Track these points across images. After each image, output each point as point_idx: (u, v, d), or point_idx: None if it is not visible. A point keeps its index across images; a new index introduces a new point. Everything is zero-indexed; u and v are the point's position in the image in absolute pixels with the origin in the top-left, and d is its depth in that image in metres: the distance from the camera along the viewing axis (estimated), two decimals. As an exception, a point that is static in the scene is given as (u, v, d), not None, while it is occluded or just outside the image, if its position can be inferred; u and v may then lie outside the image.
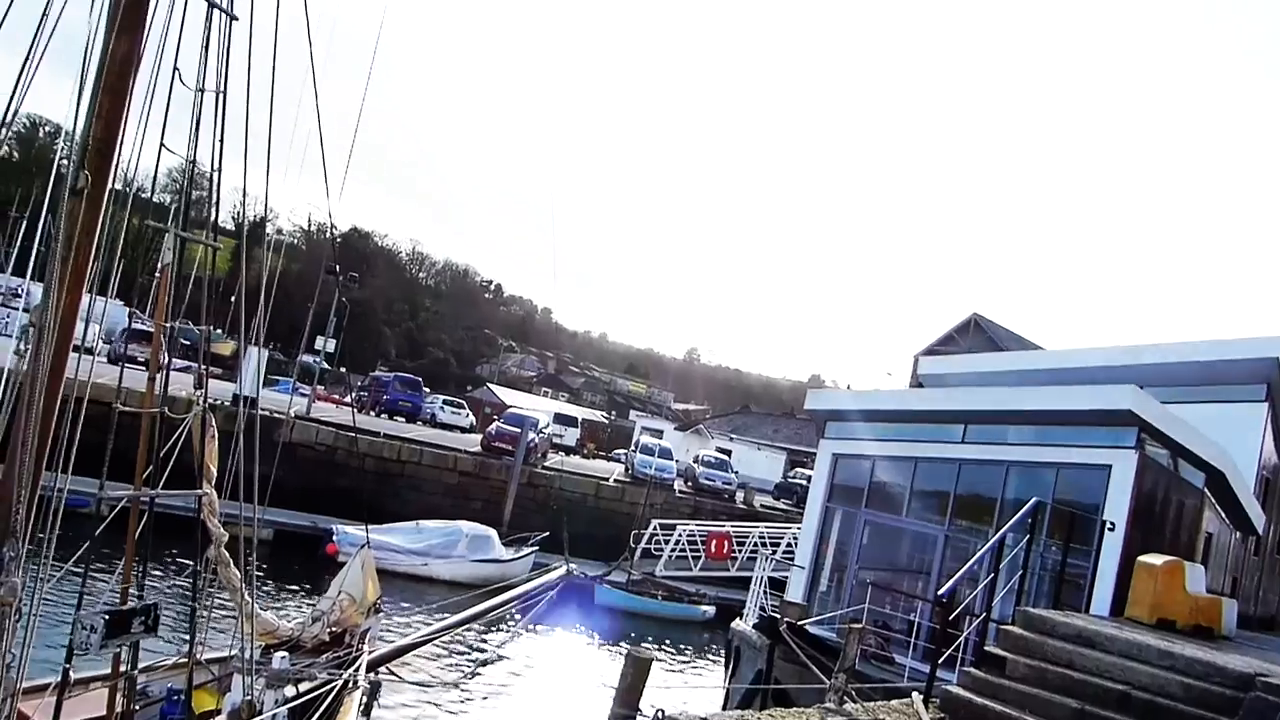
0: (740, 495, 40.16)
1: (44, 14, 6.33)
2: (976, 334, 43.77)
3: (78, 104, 5.98)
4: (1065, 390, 13.87)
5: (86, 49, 6.13)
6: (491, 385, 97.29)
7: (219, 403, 7.95)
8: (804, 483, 41.47)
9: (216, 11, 6.31)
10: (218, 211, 7.62)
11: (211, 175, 6.62)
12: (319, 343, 41.20)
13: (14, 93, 6.53)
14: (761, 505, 40.96)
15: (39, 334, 4.72)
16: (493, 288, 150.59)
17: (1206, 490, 15.58)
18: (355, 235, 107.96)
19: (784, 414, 77.29)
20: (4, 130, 6.37)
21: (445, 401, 51.31)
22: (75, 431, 5.80)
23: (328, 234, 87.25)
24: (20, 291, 48.84)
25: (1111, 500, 12.35)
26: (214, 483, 7.57)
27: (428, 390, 54.22)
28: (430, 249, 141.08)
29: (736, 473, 43.49)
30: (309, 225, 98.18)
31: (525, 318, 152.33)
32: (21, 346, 4.84)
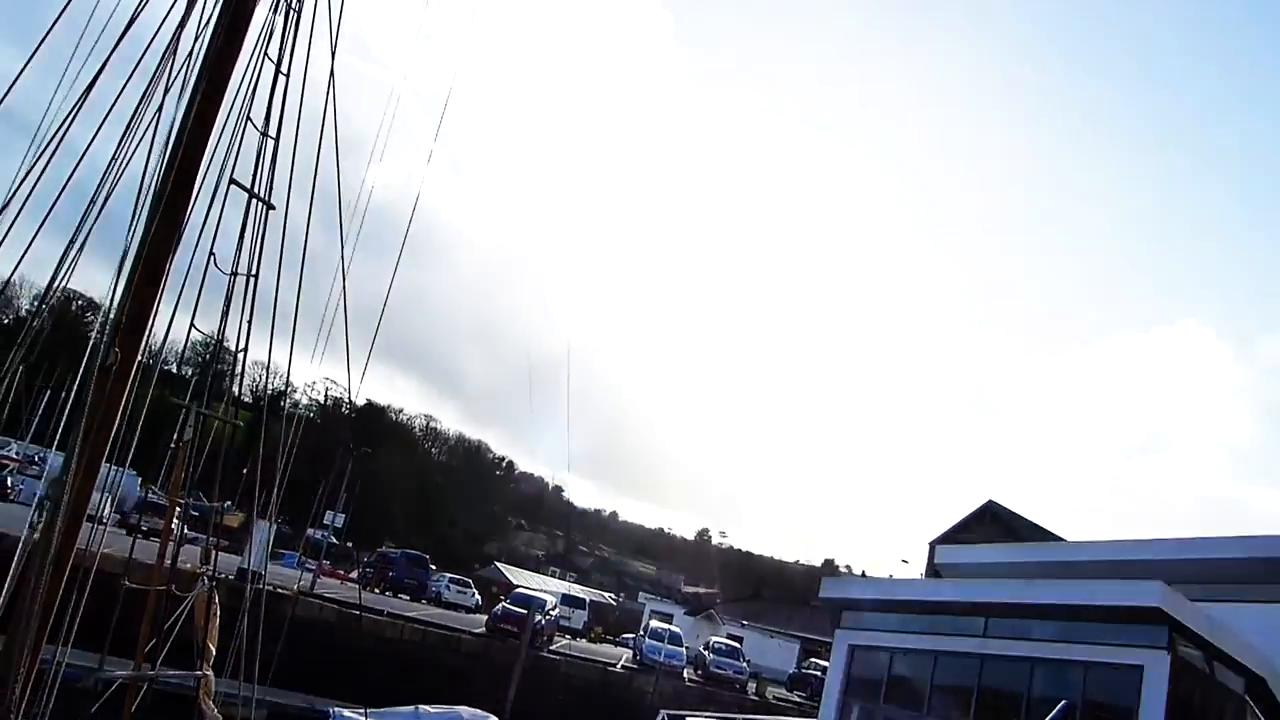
0: (753, 686, 38.49)
1: (91, 201, 6.76)
2: (993, 521, 43.26)
3: (114, 285, 6.28)
4: (1090, 584, 13.49)
5: (128, 235, 6.49)
6: (500, 564, 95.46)
7: (224, 576, 7.86)
8: (819, 673, 39.74)
9: (254, 200, 6.69)
10: (240, 387, 7.80)
11: (236, 355, 6.83)
12: (328, 517, 40.88)
13: (55, 275, 6.88)
14: (775, 697, 39.24)
15: (55, 507, 4.73)
16: (504, 465, 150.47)
17: (1247, 697, 14.79)
18: (369, 410, 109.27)
19: (798, 601, 75.06)
20: (44, 310, 6.64)
21: (452, 580, 50.31)
22: (80, 603, 5.73)
23: (345, 409, 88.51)
24: (37, 459, 49.30)
25: (1146, 705, 11.73)
26: (212, 662, 7.37)
27: (435, 568, 53.27)
28: (443, 422, 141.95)
29: (749, 661, 41.87)
30: (325, 399, 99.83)
31: (536, 495, 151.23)
32: (36, 518, 4.85)
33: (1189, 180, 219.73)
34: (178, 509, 7.47)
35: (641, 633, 42.33)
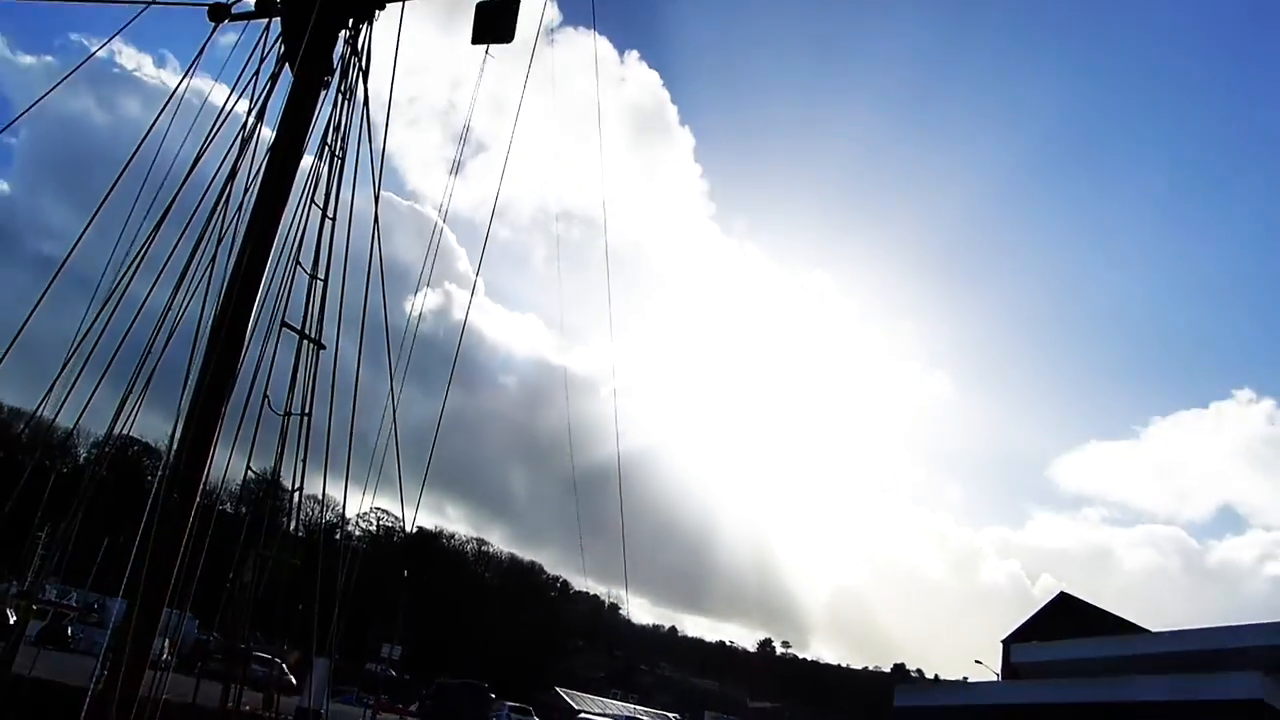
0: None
1: (146, 350, 6.99)
2: (1066, 614, 41.38)
3: (173, 432, 6.42)
4: (1181, 679, 12.75)
5: (185, 382, 6.68)
6: (559, 689, 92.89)
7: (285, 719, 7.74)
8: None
9: (306, 341, 6.86)
10: (296, 525, 7.84)
11: (292, 495, 6.89)
12: (384, 649, 40.33)
13: (114, 423, 7.06)
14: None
15: (119, 656, 4.72)
16: (558, 585, 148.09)
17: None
18: (420, 535, 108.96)
19: (870, 712, 71.68)
20: (104, 459, 6.79)
21: (513, 709, 49.01)
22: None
23: (397, 538, 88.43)
24: (97, 606, 49.55)
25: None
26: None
27: (494, 696, 51.96)
28: (494, 544, 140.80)
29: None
30: (378, 529, 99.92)
31: (592, 614, 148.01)
32: (100, 670, 4.85)
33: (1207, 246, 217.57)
34: (239, 652, 7.41)
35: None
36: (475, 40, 7.88)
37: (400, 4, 7.55)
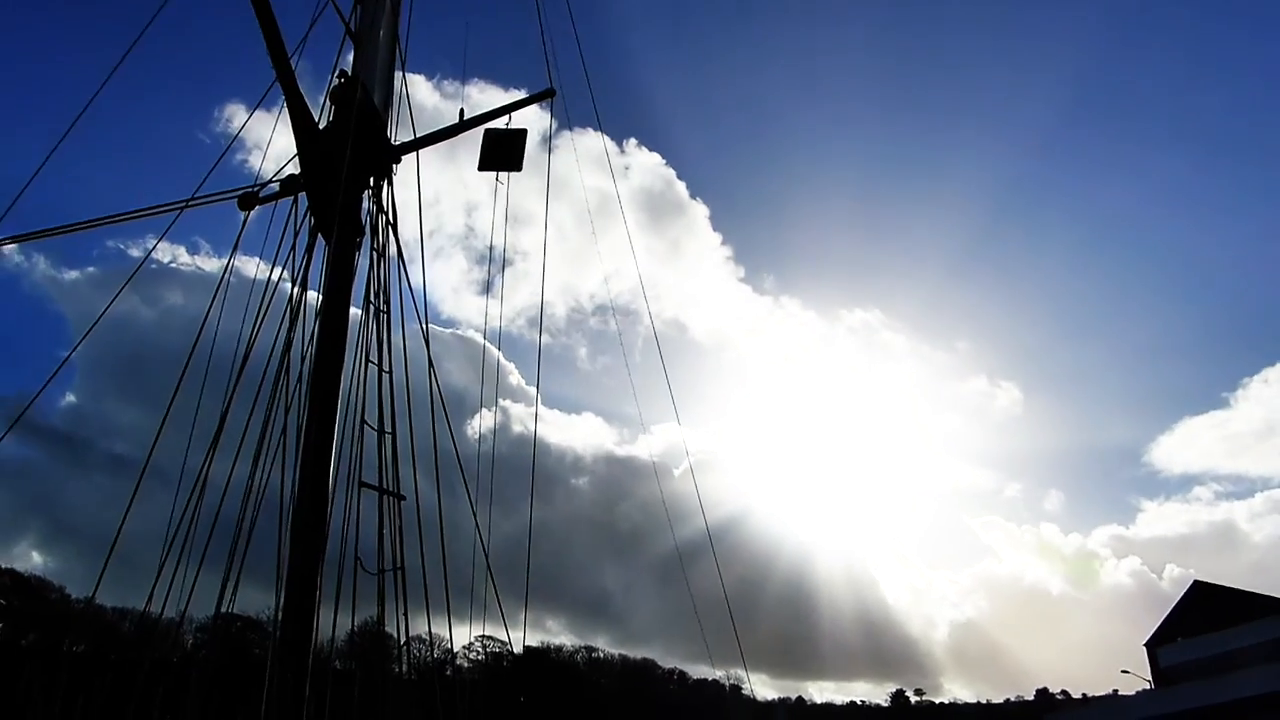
0: None
1: (238, 526, 7.15)
2: (1204, 603, 39.09)
3: (276, 607, 6.51)
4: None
5: (279, 554, 6.80)
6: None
7: None
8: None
9: (387, 497, 6.96)
10: (408, 671, 7.82)
11: (399, 648, 6.90)
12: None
13: (219, 607, 7.19)
14: None
15: None
16: (675, 677, 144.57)
17: None
18: (528, 654, 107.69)
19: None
20: (214, 641, 6.87)
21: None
22: None
23: (506, 661, 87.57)
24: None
25: None
26: None
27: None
28: (602, 649, 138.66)
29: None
30: (485, 656, 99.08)
31: (716, 699, 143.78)
32: None
33: None
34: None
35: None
36: (483, 167, 8.17)
37: (415, 153, 7.89)
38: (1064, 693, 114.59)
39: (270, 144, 8.69)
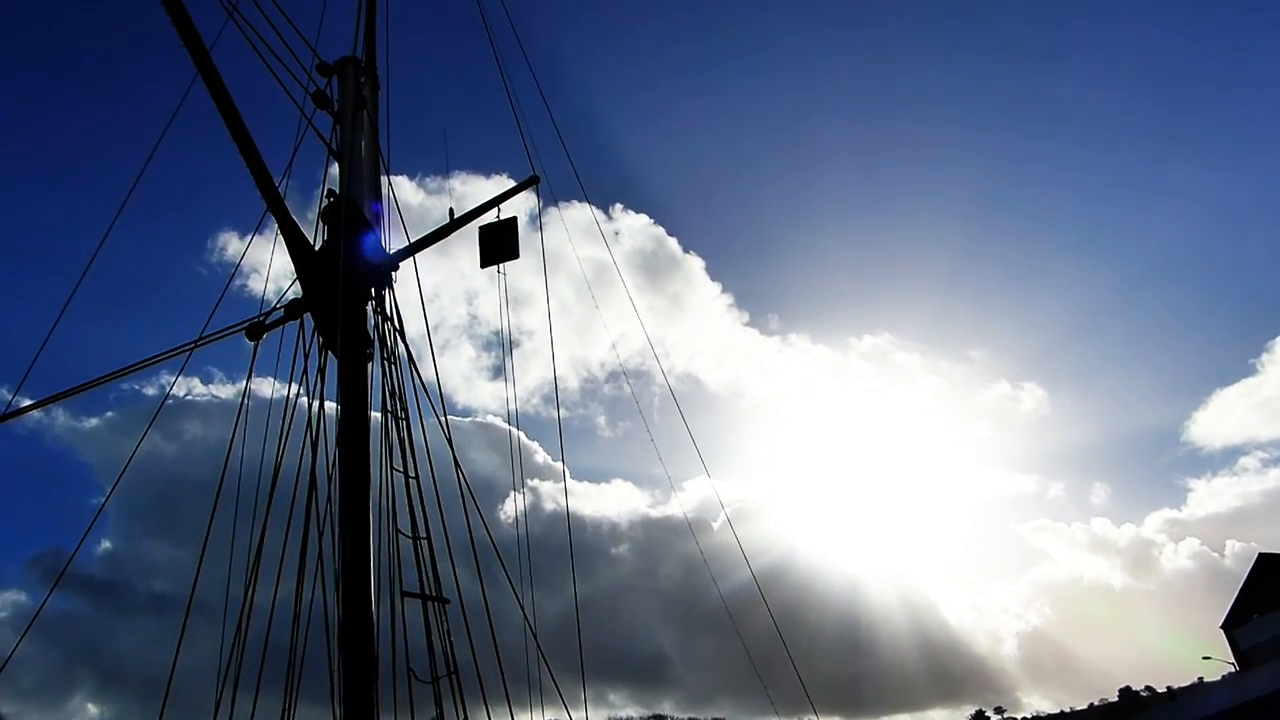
0: None
1: (290, 650, 7.11)
2: (1272, 577, 37.90)
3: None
4: None
5: (331, 675, 6.74)
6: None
7: None
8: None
9: (428, 601, 6.92)
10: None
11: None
12: None
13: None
14: None
15: None
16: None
17: None
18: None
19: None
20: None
21: None
22: None
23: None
24: None
25: None
26: None
27: None
28: (669, 714, 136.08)
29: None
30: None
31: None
32: None
33: None
34: None
35: None
36: (484, 264, 8.29)
37: (412, 258, 8.03)
38: (1148, 688, 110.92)
39: (270, 267, 8.87)
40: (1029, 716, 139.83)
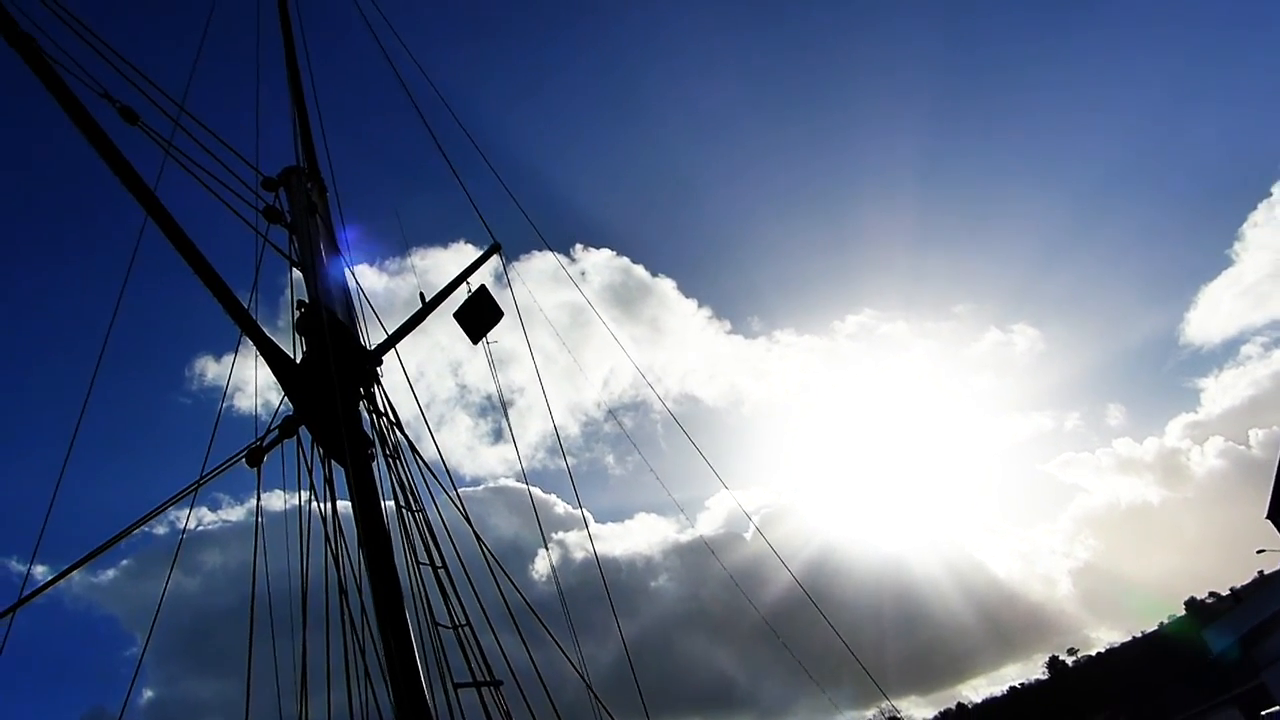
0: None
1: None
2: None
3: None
4: None
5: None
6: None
7: None
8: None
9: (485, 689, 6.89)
10: None
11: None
12: None
13: None
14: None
15: None
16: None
17: None
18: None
19: (1196, 669, 64.82)
20: None
21: None
22: None
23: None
24: None
25: None
26: None
27: None
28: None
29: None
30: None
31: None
32: None
33: None
34: None
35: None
36: (475, 340, 8.35)
37: (394, 350, 8.06)
38: (1212, 594, 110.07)
39: (255, 381, 8.90)
40: (1103, 650, 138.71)
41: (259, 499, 7.64)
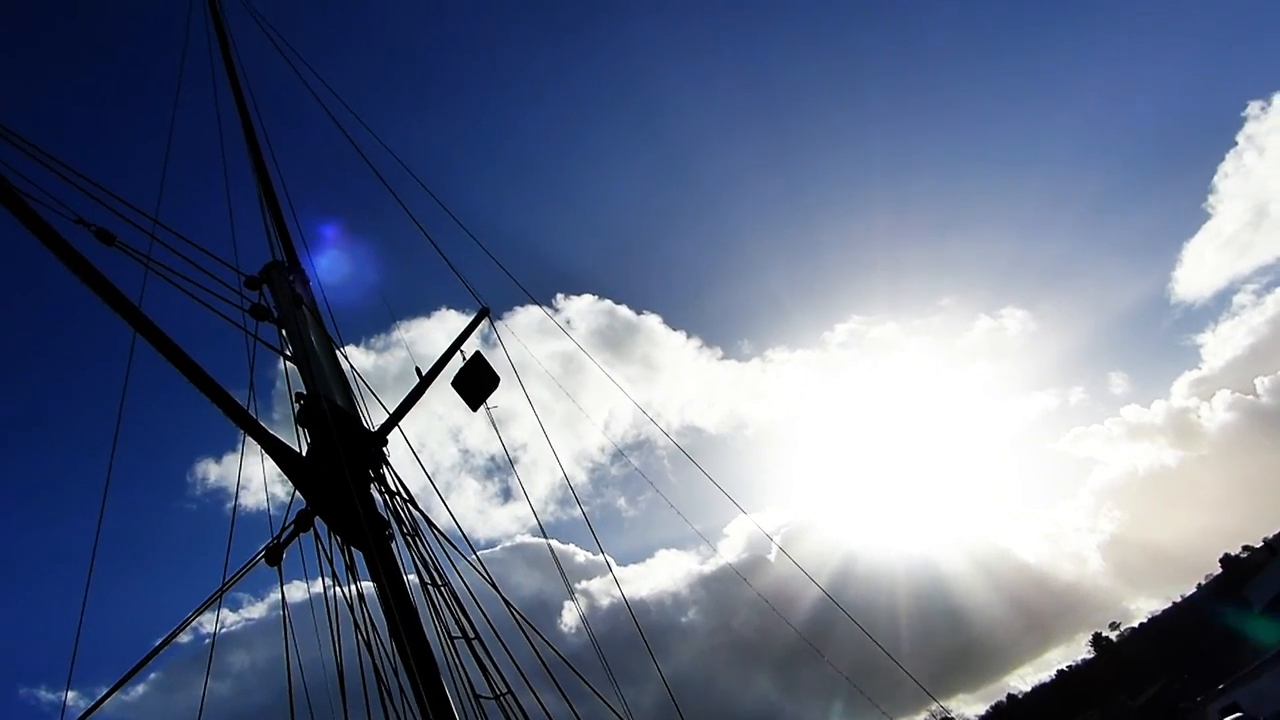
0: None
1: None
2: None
3: None
4: None
5: None
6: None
7: None
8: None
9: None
10: None
11: None
12: None
13: None
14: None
15: None
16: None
17: None
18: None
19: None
20: None
21: None
22: None
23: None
24: None
25: None
26: None
27: None
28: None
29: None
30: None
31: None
32: None
33: None
34: None
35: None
36: (475, 407, 8.40)
37: (397, 428, 8.10)
38: (1245, 548, 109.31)
39: (265, 477, 8.91)
40: (1145, 620, 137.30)
41: (284, 597, 7.62)
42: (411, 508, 7.84)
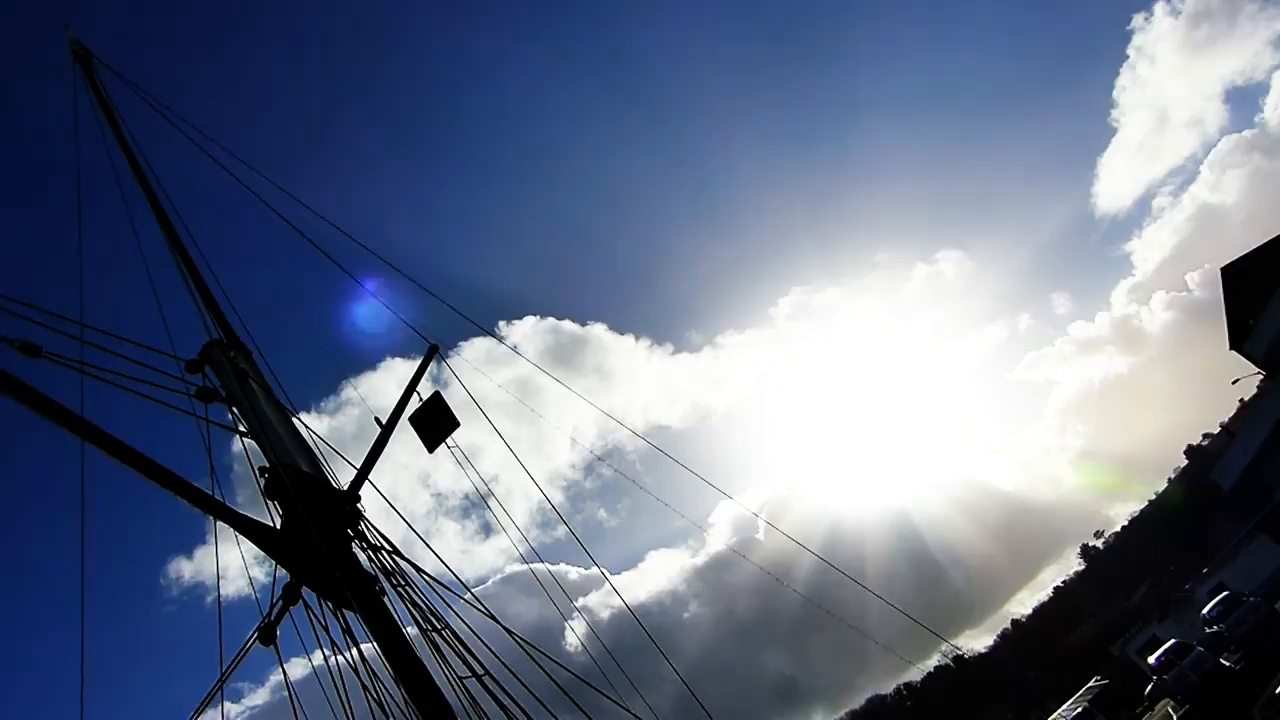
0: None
1: None
2: (1239, 285, 37.94)
3: None
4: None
5: None
6: None
7: None
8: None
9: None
10: None
11: None
12: None
13: None
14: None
15: None
16: (906, 691, 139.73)
17: None
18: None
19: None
20: None
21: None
22: None
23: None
24: None
25: None
26: None
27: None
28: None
29: None
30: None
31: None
32: None
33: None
34: None
35: None
36: (433, 448, 8.33)
37: (369, 481, 8.02)
38: (1205, 435, 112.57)
39: (244, 561, 8.78)
40: (1126, 524, 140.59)
41: (285, 675, 7.52)
42: (398, 558, 7.78)
